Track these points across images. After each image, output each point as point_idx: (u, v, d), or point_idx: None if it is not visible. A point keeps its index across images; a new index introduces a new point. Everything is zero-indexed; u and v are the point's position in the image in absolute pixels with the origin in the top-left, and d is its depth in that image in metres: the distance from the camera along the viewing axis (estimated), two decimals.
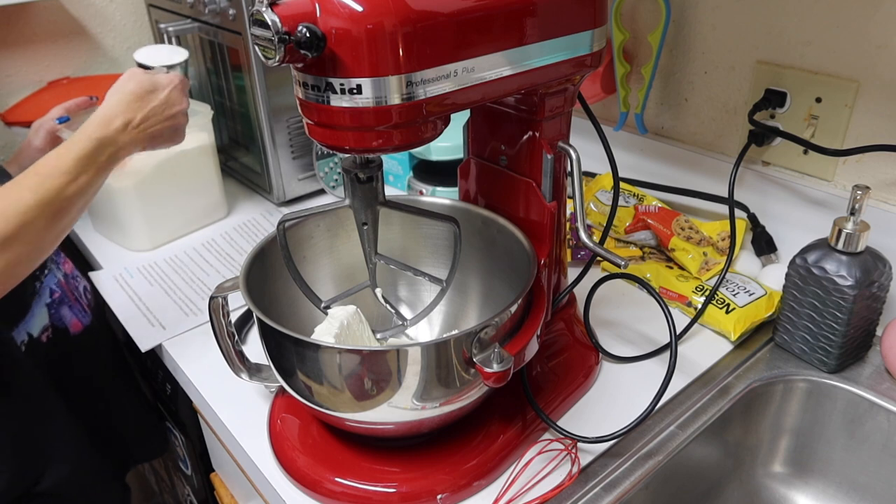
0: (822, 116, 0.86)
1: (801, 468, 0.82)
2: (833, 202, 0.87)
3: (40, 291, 0.90)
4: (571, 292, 0.77)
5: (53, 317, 0.91)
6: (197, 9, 1.12)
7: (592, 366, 0.79)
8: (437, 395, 0.60)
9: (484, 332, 0.58)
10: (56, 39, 1.35)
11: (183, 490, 1.22)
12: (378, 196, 0.62)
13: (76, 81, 1.34)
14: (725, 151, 0.99)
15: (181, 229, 1.12)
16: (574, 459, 0.68)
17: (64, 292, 0.94)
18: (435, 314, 0.79)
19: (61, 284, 0.94)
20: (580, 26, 0.61)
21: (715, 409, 0.75)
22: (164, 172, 1.05)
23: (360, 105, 0.51)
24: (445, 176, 1.09)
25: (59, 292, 0.93)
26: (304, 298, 0.69)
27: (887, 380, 0.77)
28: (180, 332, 0.89)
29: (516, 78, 0.58)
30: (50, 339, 0.90)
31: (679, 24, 0.98)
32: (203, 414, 0.86)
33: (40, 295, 0.90)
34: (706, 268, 0.91)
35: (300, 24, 0.48)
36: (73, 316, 0.94)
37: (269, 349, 0.64)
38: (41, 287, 0.90)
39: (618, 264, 0.63)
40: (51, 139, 1.00)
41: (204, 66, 1.25)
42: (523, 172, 0.69)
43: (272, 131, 1.12)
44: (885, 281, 0.76)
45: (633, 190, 1.06)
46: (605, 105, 1.13)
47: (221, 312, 0.67)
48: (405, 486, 0.64)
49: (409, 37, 0.50)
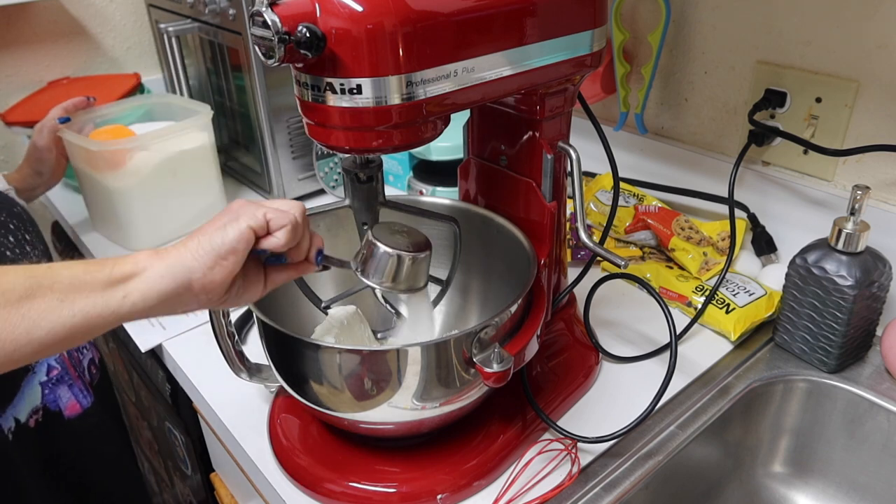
0: (822, 116, 0.86)
1: (801, 468, 0.82)
2: (833, 202, 0.87)
3: (35, 368, 0.81)
4: (571, 292, 0.77)
5: (47, 397, 0.82)
6: (197, 9, 1.12)
7: (592, 366, 0.79)
8: (437, 395, 0.60)
9: (484, 332, 0.58)
10: (56, 39, 1.35)
11: (183, 490, 1.22)
12: (378, 196, 0.63)
13: (76, 81, 1.34)
14: (725, 151, 0.99)
15: (181, 229, 1.12)
16: (574, 459, 0.68)
17: (65, 368, 0.85)
18: (435, 314, 0.79)
19: (63, 360, 0.86)
20: (580, 26, 0.61)
21: (715, 409, 0.75)
22: (164, 172, 1.05)
23: (360, 105, 0.51)
24: (445, 176, 1.09)
25: (59, 369, 0.84)
26: (304, 298, 0.69)
27: (887, 380, 0.77)
28: (180, 332, 0.89)
29: (516, 78, 0.58)
30: (39, 423, 0.81)
31: (679, 24, 0.98)
32: (203, 414, 0.86)
33: (35, 372, 0.81)
34: (706, 268, 0.91)
35: (300, 24, 0.48)
36: (71, 397, 0.85)
37: (269, 349, 0.64)
38: (37, 364, 0.81)
39: (618, 264, 0.63)
40: (54, 138, 1.00)
41: (204, 66, 1.25)
42: (523, 172, 0.69)
43: (272, 131, 1.12)
44: (885, 281, 0.76)
45: (633, 190, 1.06)
46: (605, 105, 1.13)
47: (221, 312, 0.67)
48: (405, 486, 0.64)
49: (409, 37, 0.50)
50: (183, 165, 1.07)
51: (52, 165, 1.02)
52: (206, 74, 1.25)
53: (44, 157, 1.01)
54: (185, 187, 1.10)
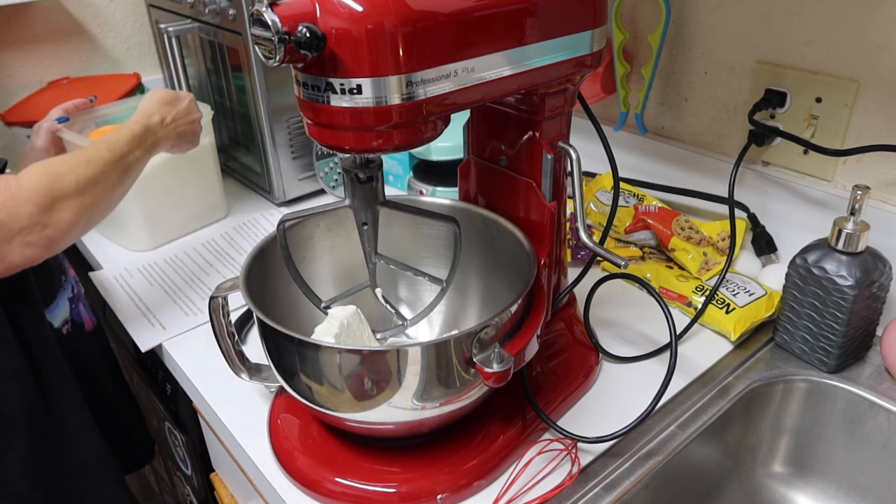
0: (822, 116, 0.86)
1: (801, 468, 0.82)
2: (833, 202, 0.87)
3: (64, 285, 0.94)
4: (571, 292, 0.77)
5: (73, 311, 0.95)
6: (197, 9, 1.12)
7: (592, 366, 0.79)
8: (437, 395, 0.60)
9: (484, 332, 0.58)
10: (56, 39, 1.35)
11: (183, 490, 1.22)
12: (378, 196, 0.62)
13: (76, 81, 1.34)
14: (725, 151, 0.99)
15: (181, 229, 1.12)
16: (574, 459, 0.68)
17: (79, 290, 0.98)
18: (435, 314, 0.79)
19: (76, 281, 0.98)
20: (580, 26, 0.61)
21: (715, 409, 0.75)
22: (164, 172, 1.05)
23: (360, 105, 0.51)
24: (445, 176, 1.09)
25: (77, 290, 0.97)
26: (304, 298, 0.69)
27: (887, 380, 0.77)
28: (180, 332, 0.89)
29: (516, 78, 0.58)
30: (69, 332, 0.94)
31: (679, 24, 0.98)
32: (203, 414, 0.86)
33: (64, 288, 0.94)
34: (706, 268, 0.91)
35: (300, 24, 0.48)
36: (87, 314, 0.99)
37: (269, 349, 0.64)
38: (65, 281, 0.95)
39: (618, 264, 0.63)
40: (52, 139, 1.00)
41: (204, 66, 1.25)
42: (523, 172, 0.69)
43: (272, 131, 1.12)
44: (885, 281, 0.76)
45: (633, 190, 1.06)
46: (605, 105, 1.13)
47: (221, 312, 0.67)
48: (405, 486, 0.64)
49: (409, 37, 0.50)
50: (183, 165, 1.07)
51: None
52: (206, 74, 1.25)
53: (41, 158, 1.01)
54: (185, 187, 1.10)
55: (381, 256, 0.67)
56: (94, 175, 0.75)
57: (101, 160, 0.77)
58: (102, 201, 0.77)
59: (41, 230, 0.70)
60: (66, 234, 0.73)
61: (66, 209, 0.71)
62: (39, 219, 0.69)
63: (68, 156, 0.76)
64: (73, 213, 0.72)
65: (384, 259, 0.67)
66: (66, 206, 0.71)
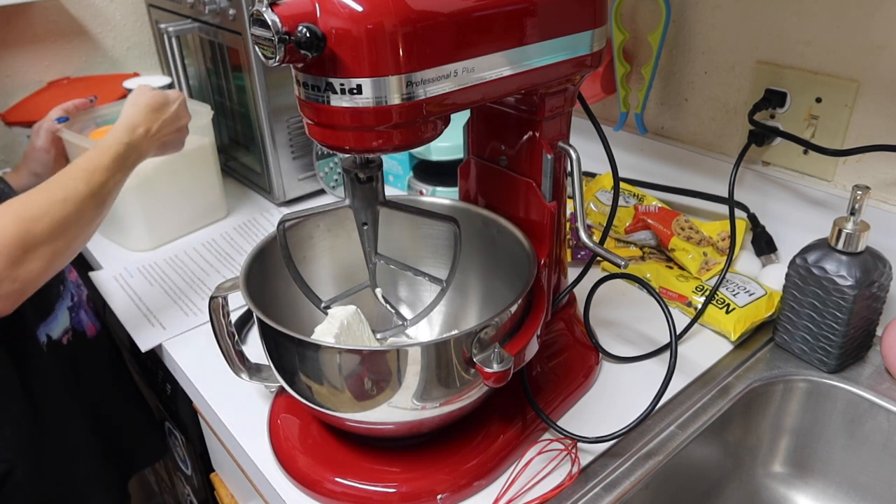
0: (822, 116, 0.86)
1: (801, 468, 0.82)
2: (833, 202, 0.87)
3: (63, 294, 0.92)
4: (571, 292, 0.77)
5: (74, 320, 0.93)
6: (197, 9, 1.12)
7: (592, 366, 0.79)
8: (437, 395, 0.60)
9: (484, 332, 0.58)
10: (56, 39, 1.35)
11: (183, 490, 1.22)
12: (378, 196, 0.62)
13: (76, 81, 1.34)
14: (725, 151, 0.99)
15: (181, 229, 1.12)
16: (574, 459, 0.68)
17: (79, 297, 0.96)
18: (435, 314, 0.79)
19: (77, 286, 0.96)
20: (580, 26, 0.61)
21: (715, 409, 0.75)
22: (164, 172, 1.05)
23: (360, 105, 0.51)
24: (445, 176, 1.09)
25: (78, 296, 0.95)
26: (304, 298, 0.69)
27: (887, 380, 0.77)
28: (180, 332, 0.89)
29: (516, 78, 0.58)
30: (70, 341, 0.91)
31: (679, 24, 0.98)
32: (203, 414, 0.86)
33: (63, 298, 0.92)
34: (706, 268, 0.91)
35: (300, 24, 0.48)
36: (89, 321, 0.97)
37: (269, 349, 0.64)
38: (64, 290, 0.92)
39: (618, 264, 0.63)
40: (51, 139, 1.00)
41: (204, 66, 1.25)
42: (523, 172, 0.69)
43: (272, 131, 1.12)
44: (885, 281, 0.76)
45: (633, 190, 1.06)
46: (605, 105, 1.13)
47: (221, 312, 0.67)
48: (405, 486, 0.64)
49: (409, 37, 0.50)
50: (183, 165, 1.07)
51: (49, 166, 1.01)
52: (206, 74, 1.25)
53: (41, 158, 1.01)
54: (185, 187, 1.10)
55: (381, 256, 0.67)
56: (69, 215, 0.71)
57: (78, 197, 0.72)
58: (77, 239, 0.74)
59: (10, 285, 0.66)
60: (36, 283, 0.69)
61: (37, 259, 0.67)
62: (8, 273, 0.65)
63: (44, 191, 0.72)
64: (45, 262, 0.68)
65: (384, 259, 0.67)
66: (37, 255, 0.68)
